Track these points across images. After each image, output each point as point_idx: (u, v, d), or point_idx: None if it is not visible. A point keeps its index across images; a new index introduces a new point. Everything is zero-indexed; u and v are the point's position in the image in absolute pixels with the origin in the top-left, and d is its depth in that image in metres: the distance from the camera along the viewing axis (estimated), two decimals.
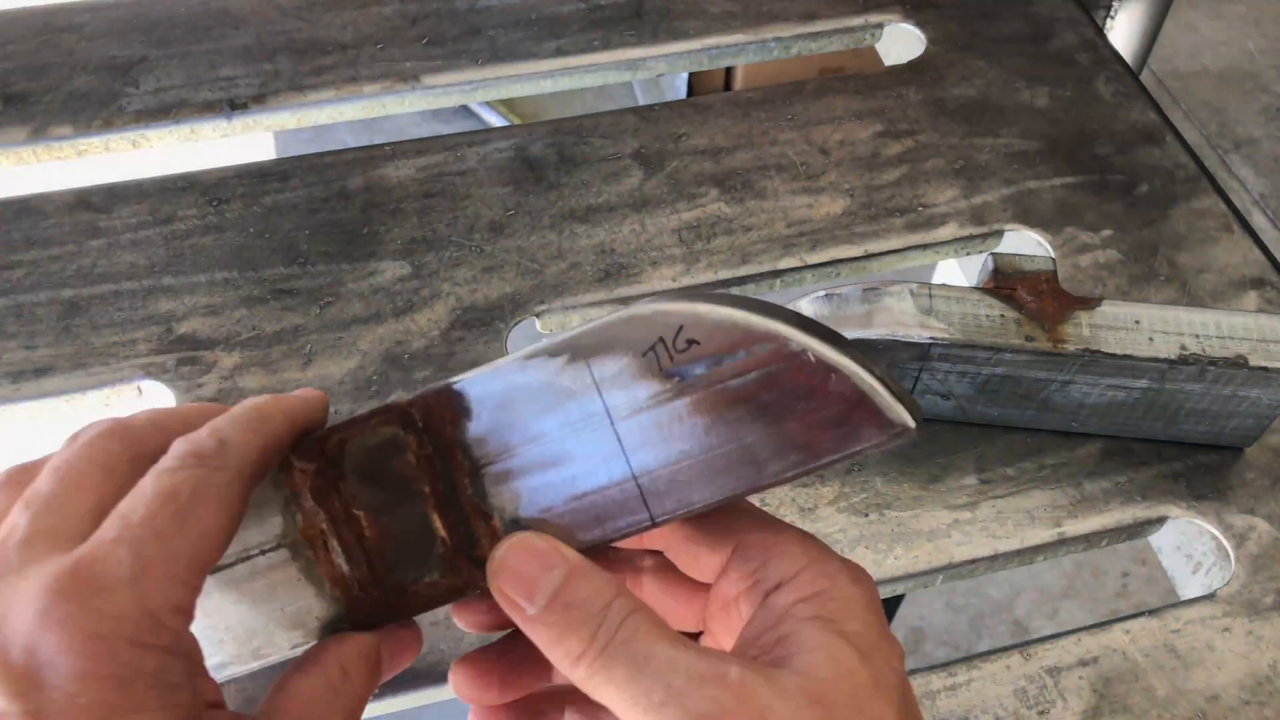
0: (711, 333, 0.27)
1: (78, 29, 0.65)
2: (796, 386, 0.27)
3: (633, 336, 0.28)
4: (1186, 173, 0.60)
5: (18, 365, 0.50)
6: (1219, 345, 0.45)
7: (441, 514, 0.30)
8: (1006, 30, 0.67)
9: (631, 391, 0.28)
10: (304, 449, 0.31)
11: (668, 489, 0.28)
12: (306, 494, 0.30)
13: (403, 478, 0.30)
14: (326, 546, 0.31)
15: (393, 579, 0.31)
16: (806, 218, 0.57)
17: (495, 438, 0.30)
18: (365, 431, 0.31)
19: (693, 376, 0.28)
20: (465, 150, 0.60)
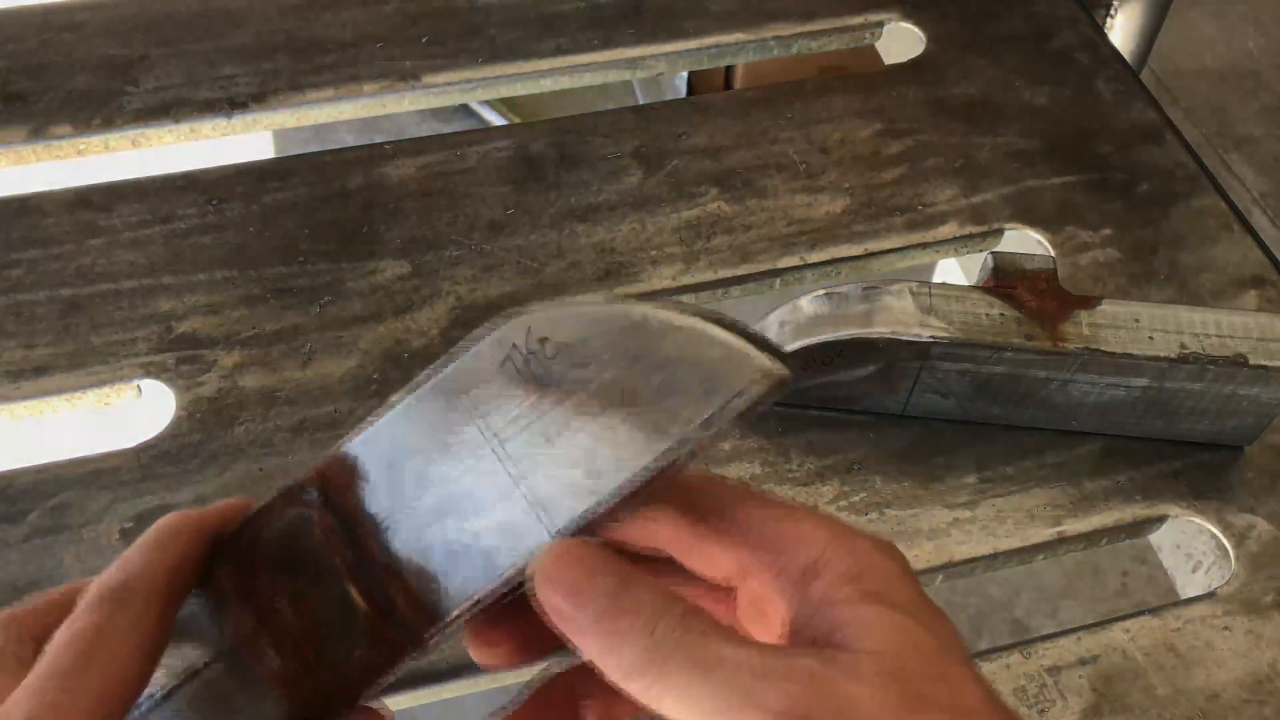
0: (556, 323, 0.27)
1: (77, 28, 0.65)
2: (648, 354, 0.27)
3: (487, 351, 0.28)
4: (1186, 172, 0.60)
5: (17, 364, 0.50)
6: (1219, 344, 0.45)
7: (356, 583, 0.30)
8: (1006, 29, 0.67)
9: (505, 408, 0.28)
10: (225, 549, 0.31)
11: (558, 499, 0.28)
12: (232, 595, 0.30)
13: (314, 555, 0.30)
14: (259, 644, 0.30)
15: (325, 663, 0.30)
16: (806, 216, 0.57)
17: (392, 494, 0.29)
18: (272, 519, 0.30)
19: (555, 375, 0.27)
20: (465, 149, 0.60)
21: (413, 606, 0.29)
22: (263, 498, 0.32)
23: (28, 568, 0.45)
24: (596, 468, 0.27)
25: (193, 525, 0.31)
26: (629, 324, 0.27)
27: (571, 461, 0.27)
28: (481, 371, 0.28)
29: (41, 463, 0.48)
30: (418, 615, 0.29)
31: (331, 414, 0.49)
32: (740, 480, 0.41)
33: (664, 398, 0.27)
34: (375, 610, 0.30)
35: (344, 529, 0.30)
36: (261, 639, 0.30)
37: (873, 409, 0.50)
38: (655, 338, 0.27)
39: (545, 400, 0.28)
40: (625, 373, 0.27)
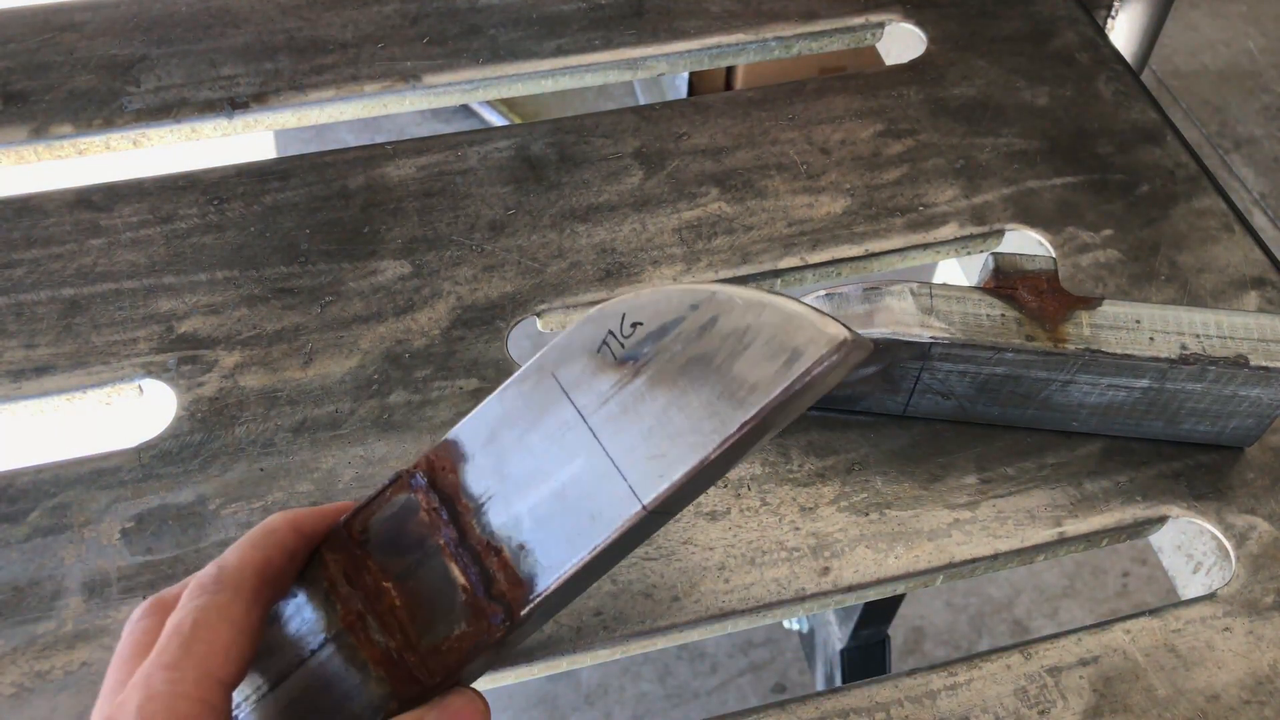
0: (650, 311, 0.29)
1: (78, 28, 0.65)
2: (732, 331, 0.29)
3: (586, 338, 0.30)
4: (1187, 172, 0.60)
5: (18, 364, 0.50)
6: (1220, 345, 0.45)
7: (457, 560, 0.32)
8: (1007, 29, 0.67)
9: (595, 387, 0.30)
10: (333, 540, 0.33)
11: (648, 469, 0.29)
12: (341, 580, 0.32)
13: (419, 536, 0.32)
14: (365, 626, 0.32)
15: (426, 642, 0.32)
16: (807, 217, 0.57)
17: (490, 471, 0.31)
18: (381, 505, 0.33)
19: (644, 354, 0.29)
20: (466, 149, 0.60)
21: (510, 581, 0.31)
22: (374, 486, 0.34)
23: (28, 567, 0.45)
24: (681, 438, 0.29)
25: (288, 524, 0.34)
26: (718, 303, 0.29)
27: (659, 437, 0.29)
28: (573, 354, 0.30)
29: (42, 462, 0.48)
30: (514, 590, 0.31)
31: (332, 414, 0.49)
32: None
33: (743, 367, 0.29)
34: (474, 586, 0.32)
35: (447, 508, 0.32)
36: (368, 620, 0.32)
37: (873, 409, 0.50)
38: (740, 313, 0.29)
39: (636, 378, 0.29)
40: (710, 347, 0.29)
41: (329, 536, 0.33)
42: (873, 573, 0.45)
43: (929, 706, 0.43)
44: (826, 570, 0.45)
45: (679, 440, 0.29)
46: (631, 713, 1.22)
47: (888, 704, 0.43)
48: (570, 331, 0.31)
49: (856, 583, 0.45)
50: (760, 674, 1.23)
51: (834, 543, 0.46)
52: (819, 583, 0.45)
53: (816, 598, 0.45)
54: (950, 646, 1.30)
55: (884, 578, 0.45)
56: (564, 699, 1.23)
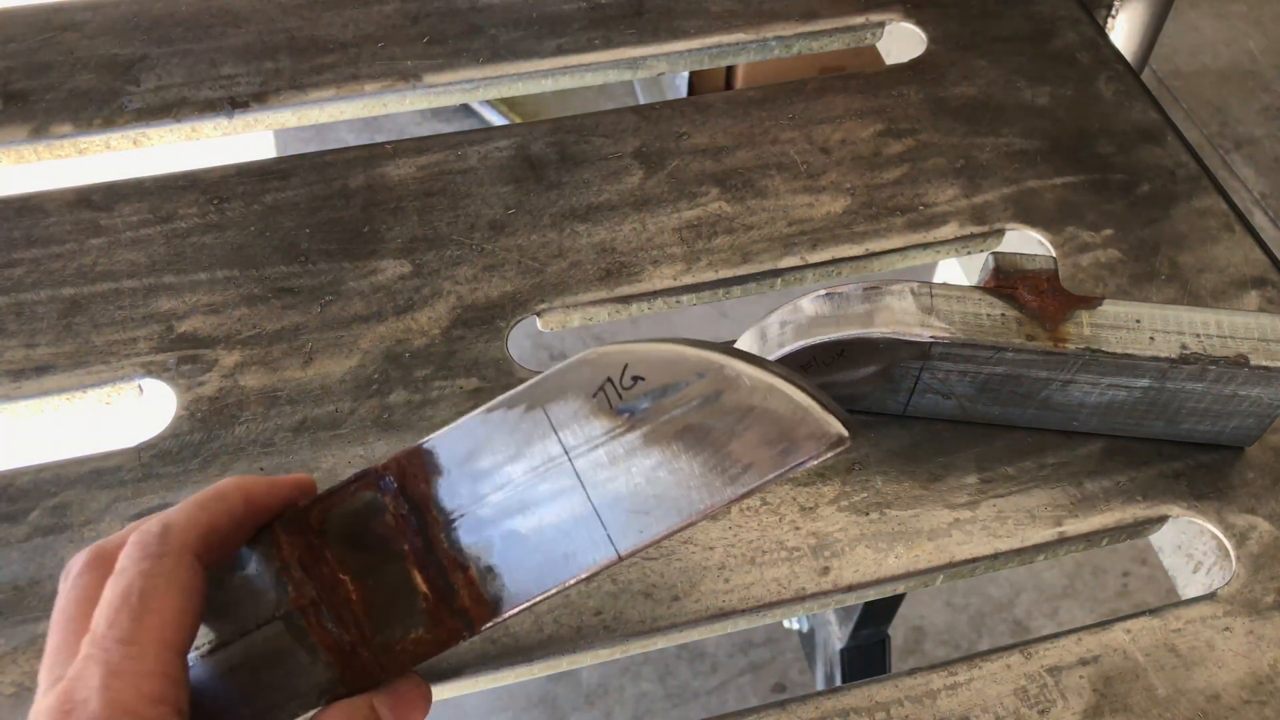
0: (654, 368, 0.29)
1: (78, 27, 0.65)
2: (735, 409, 0.29)
3: (583, 379, 0.30)
4: (1187, 172, 0.60)
5: (18, 364, 0.50)
6: (1220, 344, 0.45)
7: (421, 569, 0.32)
8: (1007, 29, 0.67)
9: (586, 430, 0.30)
10: (290, 523, 0.32)
11: (629, 521, 0.30)
12: (295, 564, 0.32)
13: (383, 538, 0.32)
14: (318, 613, 0.32)
15: (381, 639, 0.32)
16: (807, 216, 0.57)
17: (465, 490, 0.31)
18: (346, 499, 0.32)
19: (641, 410, 0.29)
20: (466, 149, 0.60)
21: (473, 598, 0.32)
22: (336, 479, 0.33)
23: (28, 567, 0.45)
24: (667, 503, 0.29)
25: (239, 491, 0.33)
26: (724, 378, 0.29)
27: (645, 495, 0.30)
28: (567, 393, 0.30)
29: (42, 462, 0.48)
30: (477, 607, 0.32)
31: (332, 414, 0.49)
32: None
33: (740, 446, 0.29)
34: (436, 597, 0.32)
35: (415, 517, 0.32)
36: (321, 609, 0.32)
37: (873, 409, 0.50)
38: (746, 394, 0.29)
39: (630, 432, 0.30)
40: (709, 420, 0.29)
41: (287, 518, 0.33)
42: (873, 572, 0.45)
43: (929, 706, 0.43)
44: (826, 570, 0.45)
45: (665, 502, 0.30)
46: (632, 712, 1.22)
47: (888, 704, 0.43)
48: (566, 368, 0.30)
49: (856, 582, 0.45)
50: (760, 674, 1.23)
51: (834, 542, 0.46)
52: (819, 582, 0.45)
53: (816, 597, 0.45)
54: (950, 646, 1.30)
55: (884, 577, 0.45)
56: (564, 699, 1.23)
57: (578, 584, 0.31)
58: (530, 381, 0.31)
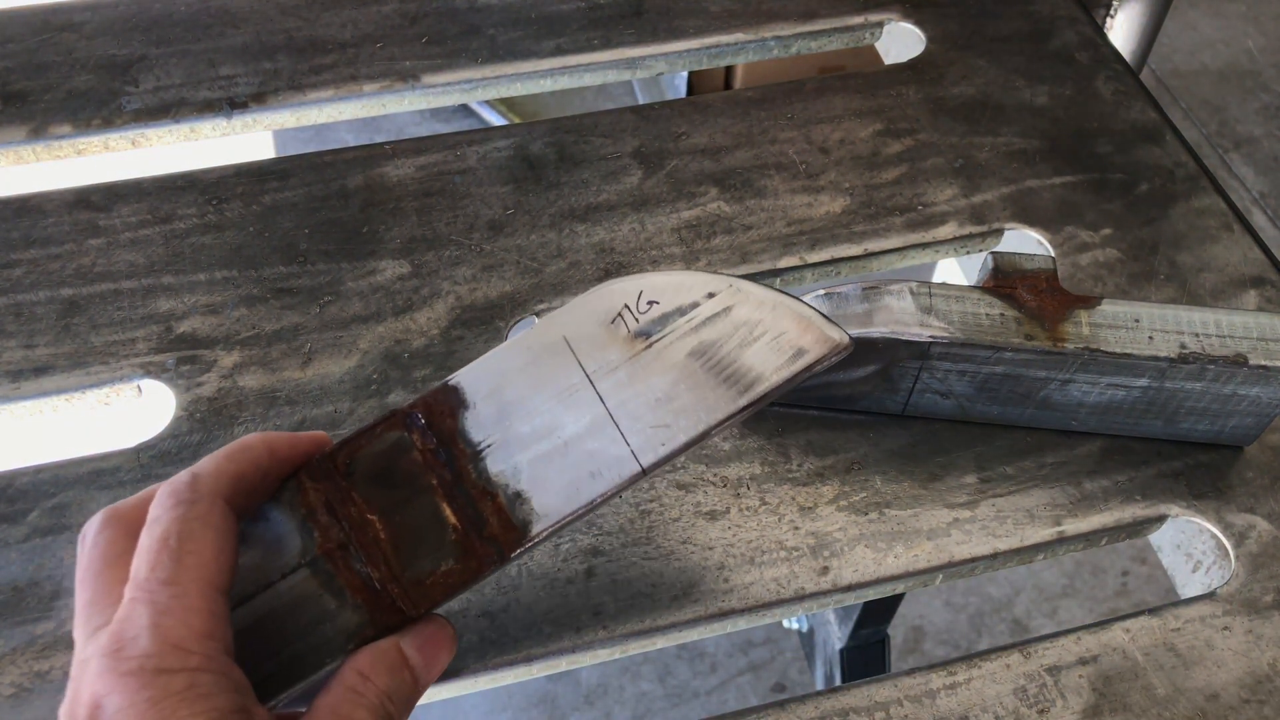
0: (668, 291, 0.31)
1: (77, 27, 0.65)
2: (745, 322, 0.31)
3: (600, 307, 0.31)
4: (1186, 171, 0.60)
5: (17, 364, 0.50)
6: (1219, 344, 0.45)
7: (450, 501, 0.32)
8: (1006, 29, 0.67)
9: (606, 354, 0.31)
10: (314, 469, 0.33)
11: (651, 435, 0.31)
12: (321, 509, 0.32)
13: (410, 475, 0.32)
14: (346, 555, 0.32)
15: (410, 574, 0.33)
16: (806, 216, 0.57)
17: (491, 420, 0.32)
18: (372, 440, 0.33)
19: (657, 331, 0.31)
20: (465, 149, 0.60)
21: (503, 525, 0.32)
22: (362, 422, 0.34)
23: (28, 567, 0.45)
24: (687, 413, 0.31)
25: (263, 443, 0.34)
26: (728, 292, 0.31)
27: (665, 409, 0.31)
28: (585, 321, 0.31)
29: (41, 463, 0.48)
30: (506, 533, 0.32)
31: (331, 414, 0.49)
32: None
33: (751, 356, 0.31)
34: (466, 527, 0.32)
35: (444, 451, 0.32)
36: (350, 550, 0.32)
37: (873, 409, 0.50)
38: (753, 308, 0.31)
39: (647, 351, 0.31)
40: (719, 332, 0.31)
41: (311, 465, 0.33)
42: (872, 572, 0.45)
43: (928, 706, 0.43)
44: (826, 570, 0.45)
45: (684, 414, 0.31)
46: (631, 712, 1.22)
47: (887, 703, 0.43)
48: (583, 299, 0.32)
49: (856, 582, 0.45)
50: (760, 673, 1.23)
51: (833, 542, 0.46)
52: (818, 582, 0.45)
53: (816, 597, 0.45)
54: (950, 646, 1.30)
55: (883, 577, 0.45)
56: (564, 699, 1.23)
57: (604, 501, 0.32)
58: (550, 314, 0.32)
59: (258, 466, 0.34)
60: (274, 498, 0.34)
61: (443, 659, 0.35)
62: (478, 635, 0.43)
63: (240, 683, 0.30)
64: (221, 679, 0.30)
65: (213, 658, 0.30)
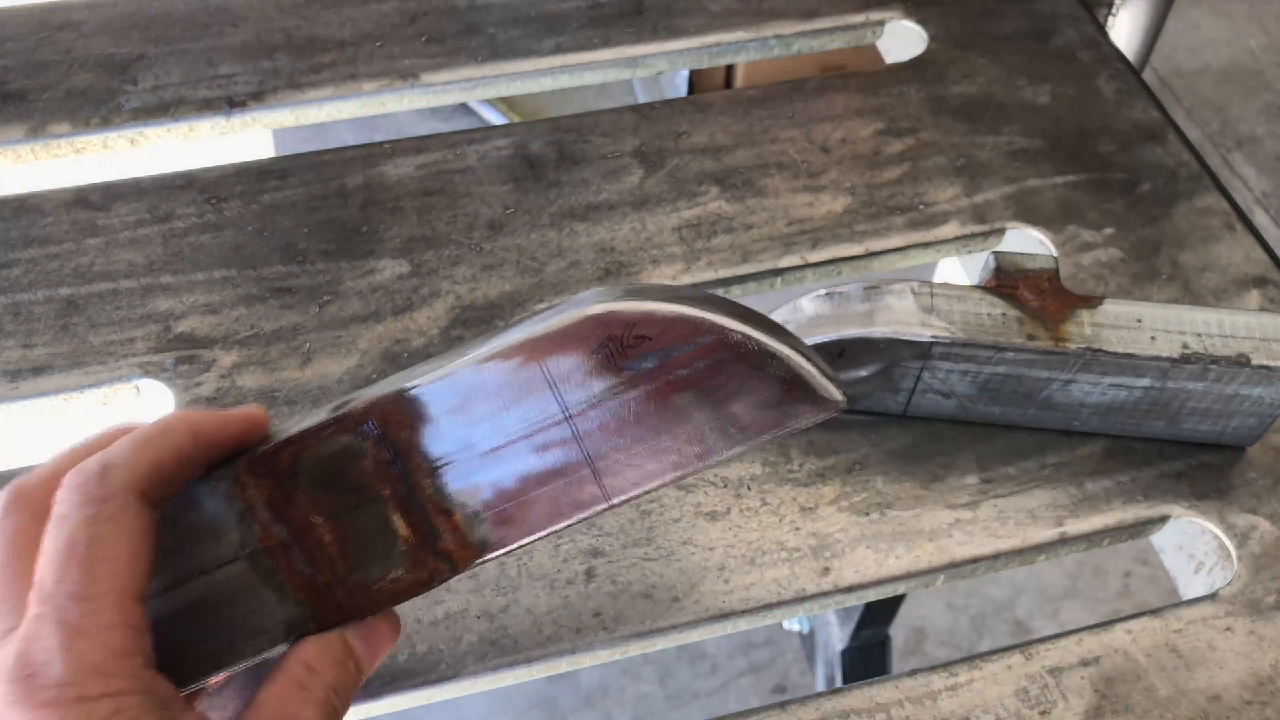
0: (661, 328, 0.29)
1: (76, 26, 0.64)
2: (739, 372, 0.29)
3: (585, 334, 0.29)
4: (1189, 171, 0.60)
5: (15, 364, 0.50)
6: (1221, 344, 0.45)
7: (403, 514, 0.30)
8: (1008, 28, 0.67)
9: (587, 387, 0.29)
10: (256, 464, 0.31)
11: (622, 472, 0.30)
12: (262, 506, 0.30)
13: (360, 482, 0.30)
14: (286, 553, 0.31)
15: (356, 578, 0.31)
16: (807, 216, 0.57)
17: (453, 438, 0.30)
18: (320, 441, 0.31)
19: (644, 369, 0.29)
20: (465, 148, 0.60)
21: (458, 542, 0.30)
22: (303, 418, 0.31)
23: None
24: (665, 456, 0.29)
25: (186, 426, 0.31)
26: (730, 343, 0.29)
27: (642, 453, 0.29)
28: (568, 348, 0.29)
29: (40, 463, 0.48)
30: (461, 550, 0.31)
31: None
32: None
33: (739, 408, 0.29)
34: (418, 540, 0.30)
35: (399, 463, 0.30)
36: (292, 550, 0.31)
37: (874, 409, 0.50)
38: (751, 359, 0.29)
39: (631, 390, 0.29)
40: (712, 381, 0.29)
41: (253, 459, 0.31)
42: (873, 573, 0.45)
43: (930, 707, 0.42)
44: (827, 570, 0.45)
45: (661, 458, 0.29)
46: (631, 714, 1.22)
47: (888, 705, 0.43)
48: (567, 321, 0.29)
49: (857, 583, 0.45)
50: (760, 675, 1.22)
51: (834, 543, 0.46)
52: (819, 583, 0.45)
53: (817, 598, 0.45)
54: (951, 647, 1.29)
55: (884, 578, 0.45)
56: (564, 700, 1.23)
57: (568, 528, 0.30)
58: (526, 327, 0.30)
59: (178, 453, 0.30)
60: (206, 481, 0.31)
61: (385, 649, 0.33)
62: (477, 636, 0.43)
63: (167, 696, 0.28)
64: (148, 699, 0.28)
65: (136, 676, 0.28)
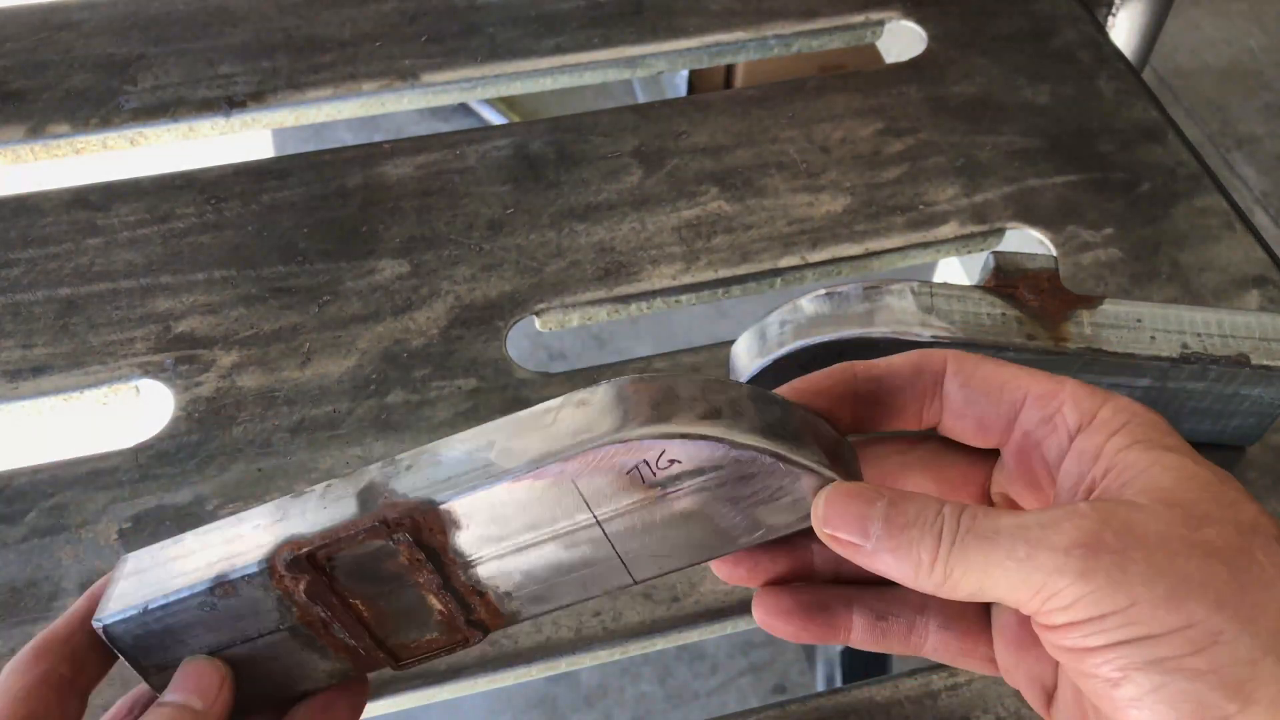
0: (692, 454, 0.30)
1: (76, 26, 0.64)
2: (768, 486, 0.31)
3: (617, 461, 0.30)
4: (1188, 171, 0.60)
5: (15, 364, 0.50)
6: (1221, 344, 0.45)
7: (437, 597, 0.32)
8: (1008, 28, 0.67)
9: (616, 500, 0.31)
10: (291, 566, 0.31)
11: (649, 561, 0.32)
12: (300, 593, 0.31)
13: (396, 574, 0.32)
14: (327, 627, 0.32)
15: (394, 640, 0.33)
16: (807, 216, 0.57)
17: (486, 541, 0.31)
18: (353, 545, 0.31)
19: (674, 487, 0.31)
20: (464, 148, 0.60)
21: (490, 613, 0.32)
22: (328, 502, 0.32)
23: (26, 568, 0.45)
24: (691, 549, 0.32)
25: (27, 661, 0.32)
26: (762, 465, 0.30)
27: (669, 542, 0.31)
28: (600, 471, 0.31)
29: (39, 463, 0.48)
30: (494, 619, 0.33)
31: (330, 414, 0.49)
32: None
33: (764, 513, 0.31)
34: (452, 614, 0.32)
35: (432, 561, 0.31)
36: (332, 626, 0.32)
37: None
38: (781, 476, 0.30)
39: (659, 502, 0.31)
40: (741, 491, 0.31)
41: (286, 559, 0.31)
42: None
43: (930, 707, 0.42)
44: None
45: (689, 549, 0.31)
46: (631, 714, 1.22)
47: (888, 704, 0.42)
48: (601, 447, 0.30)
49: None
50: (760, 675, 1.22)
51: None
52: None
53: None
54: None
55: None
56: (564, 700, 1.23)
57: (592, 598, 0.32)
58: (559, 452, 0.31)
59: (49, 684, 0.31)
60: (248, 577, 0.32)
61: None
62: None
63: None
64: None
65: None
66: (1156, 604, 0.25)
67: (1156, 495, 0.27)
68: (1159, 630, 0.25)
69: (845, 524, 0.29)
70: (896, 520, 0.28)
